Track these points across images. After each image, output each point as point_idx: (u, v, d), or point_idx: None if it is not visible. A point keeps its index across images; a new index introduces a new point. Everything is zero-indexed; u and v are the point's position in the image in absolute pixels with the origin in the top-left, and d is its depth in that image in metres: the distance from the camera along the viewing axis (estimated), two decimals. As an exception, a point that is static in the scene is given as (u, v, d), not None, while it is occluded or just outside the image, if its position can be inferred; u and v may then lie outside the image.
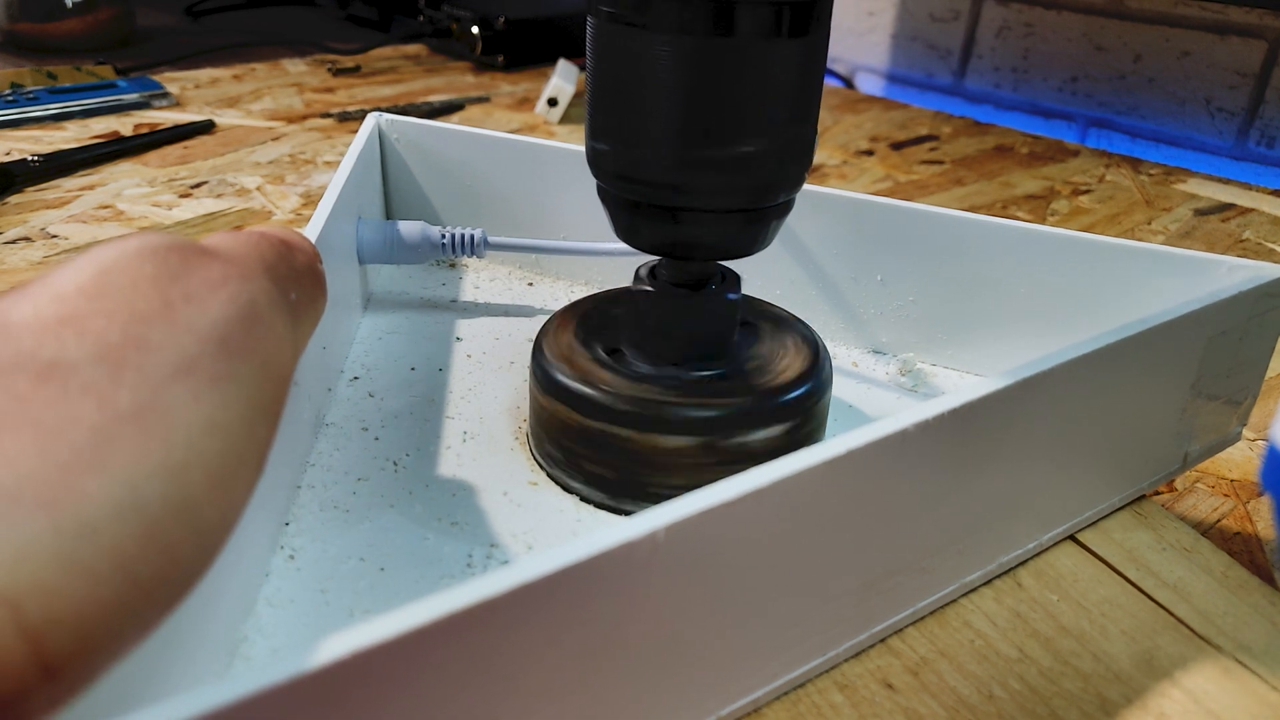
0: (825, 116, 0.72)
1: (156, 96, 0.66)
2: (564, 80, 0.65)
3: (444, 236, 0.37)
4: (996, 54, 0.78)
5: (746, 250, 0.26)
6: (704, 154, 0.23)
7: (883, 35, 0.86)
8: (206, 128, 0.61)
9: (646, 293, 0.27)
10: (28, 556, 0.11)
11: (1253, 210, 0.55)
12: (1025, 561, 0.26)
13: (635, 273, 0.28)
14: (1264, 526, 0.28)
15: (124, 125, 0.61)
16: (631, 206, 0.25)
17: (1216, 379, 0.27)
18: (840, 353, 0.36)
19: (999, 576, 0.25)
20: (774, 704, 0.21)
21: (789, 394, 0.26)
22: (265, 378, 0.15)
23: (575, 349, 0.28)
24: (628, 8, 0.22)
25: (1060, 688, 0.22)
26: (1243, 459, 0.31)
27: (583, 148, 0.27)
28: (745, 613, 0.19)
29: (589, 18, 0.24)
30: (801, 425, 0.27)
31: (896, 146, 0.65)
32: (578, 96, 0.66)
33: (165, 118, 0.63)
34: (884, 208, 0.34)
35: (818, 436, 0.28)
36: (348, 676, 0.13)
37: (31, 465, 0.12)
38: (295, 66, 0.79)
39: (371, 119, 0.40)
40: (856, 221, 0.34)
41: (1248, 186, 0.59)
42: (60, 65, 0.70)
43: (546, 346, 0.28)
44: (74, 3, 0.78)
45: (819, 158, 0.62)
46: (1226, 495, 0.29)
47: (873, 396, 0.33)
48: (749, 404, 0.26)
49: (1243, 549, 0.27)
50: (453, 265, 0.43)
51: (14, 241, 0.43)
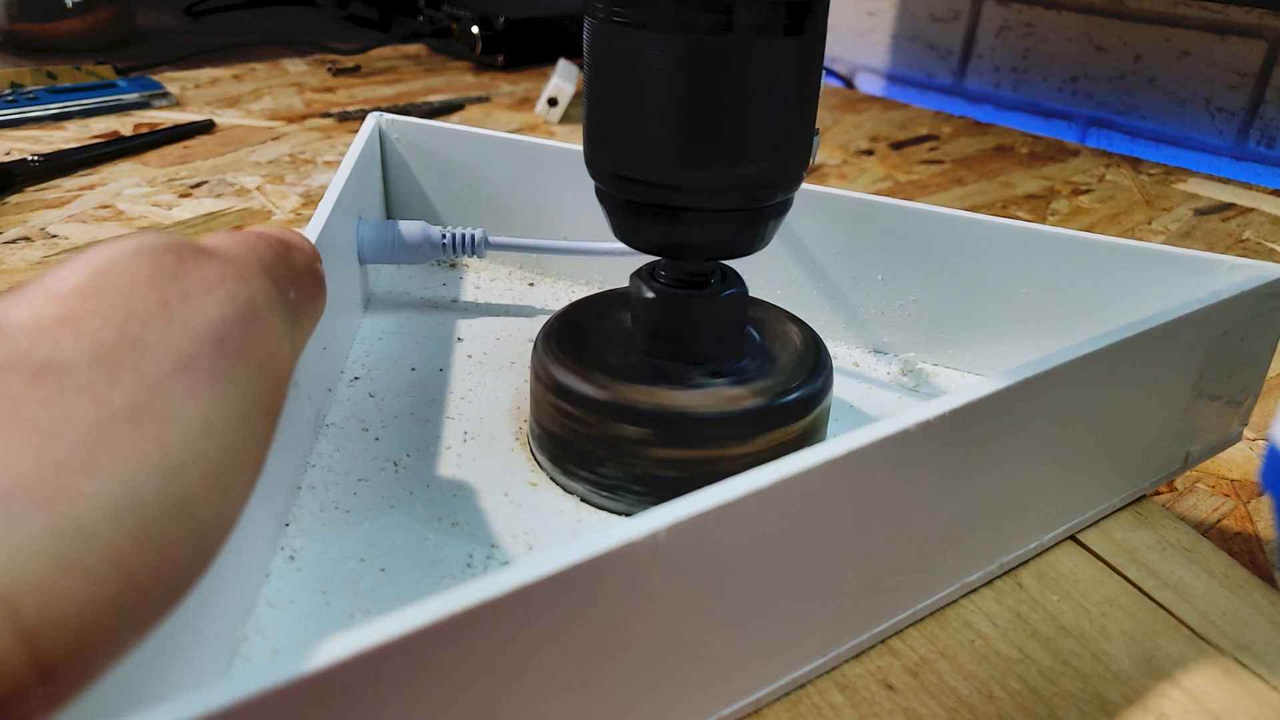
0: (825, 116, 0.72)
1: (156, 96, 0.66)
2: (564, 80, 0.65)
3: (444, 236, 0.37)
4: (996, 54, 0.78)
5: (745, 249, 0.26)
6: (702, 153, 0.23)
7: (883, 35, 0.86)
8: (206, 128, 0.61)
9: (646, 293, 0.27)
10: (24, 557, 0.11)
11: (1253, 210, 0.55)
12: (1026, 562, 0.26)
13: (635, 272, 0.28)
14: (1264, 526, 0.28)
15: (124, 125, 0.61)
16: (630, 207, 0.25)
17: (1217, 379, 0.27)
18: (841, 352, 0.36)
19: (999, 577, 0.25)
20: (774, 704, 0.21)
21: (790, 394, 0.26)
22: (263, 377, 0.15)
23: (576, 349, 0.28)
24: (625, 7, 0.22)
25: (1060, 688, 0.22)
26: (1243, 459, 0.31)
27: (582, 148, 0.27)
28: (746, 613, 0.19)
29: (586, 18, 0.24)
30: (803, 425, 0.27)
31: (896, 146, 0.65)
32: (578, 96, 0.66)
33: (165, 118, 0.63)
34: (884, 207, 0.34)
35: (819, 436, 0.28)
36: (348, 677, 0.13)
37: (28, 466, 0.12)
38: (295, 66, 0.79)
39: (372, 119, 0.40)
40: (857, 221, 0.34)
41: (1248, 186, 0.59)
42: (60, 65, 0.70)
43: (547, 347, 0.28)
44: (74, 3, 0.78)
45: (819, 157, 0.62)
46: (1227, 495, 0.29)
47: (874, 396, 0.33)
48: (750, 404, 0.26)
49: (1243, 549, 0.27)
50: (453, 265, 0.43)
51: (14, 241, 0.43)
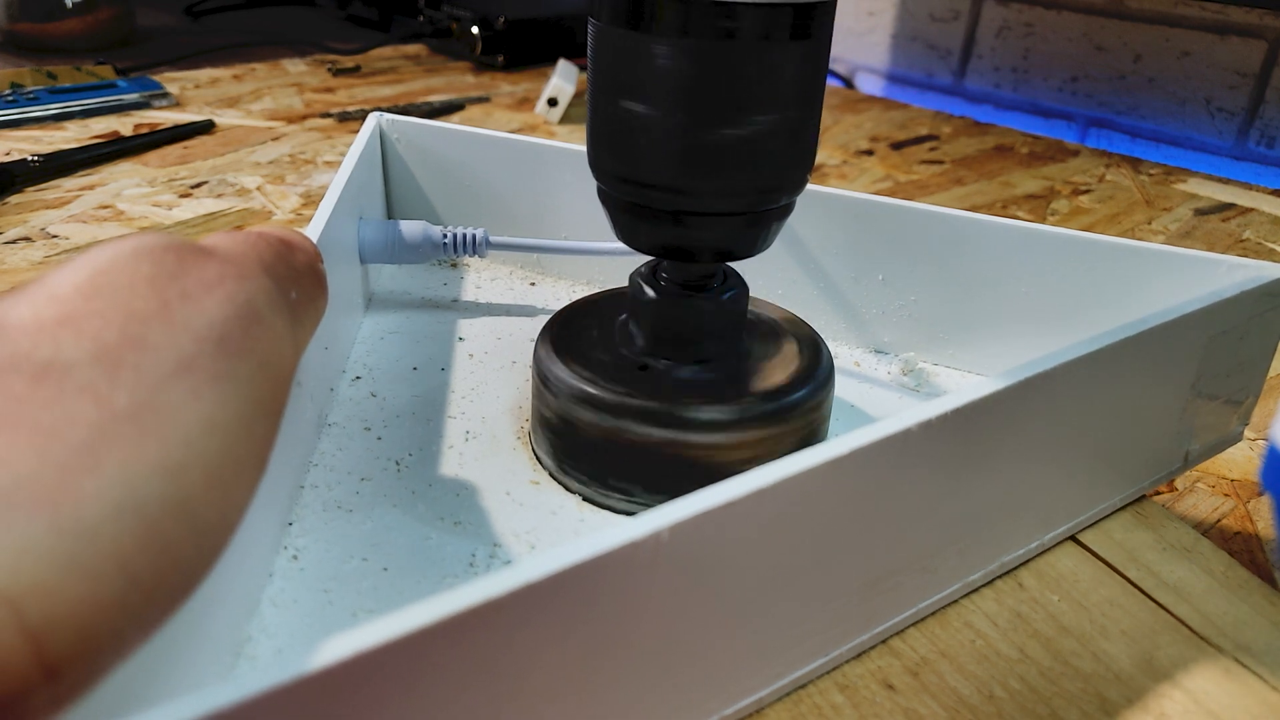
0: (825, 116, 0.72)
1: (156, 96, 0.66)
2: (564, 80, 0.65)
3: (445, 236, 0.37)
4: (996, 54, 0.78)
5: (747, 252, 0.26)
6: (706, 158, 0.23)
7: (883, 35, 0.86)
8: (206, 128, 0.61)
9: (648, 293, 0.27)
10: (28, 557, 0.11)
11: (1253, 210, 0.55)
12: (1026, 562, 0.26)
13: (636, 272, 0.28)
14: (1264, 526, 0.28)
15: (124, 125, 0.61)
16: (633, 209, 0.25)
17: (1217, 379, 0.27)
18: (842, 352, 0.36)
19: (1000, 577, 0.25)
20: (775, 704, 0.21)
21: (791, 394, 0.26)
22: (265, 377, 0.15)
23: (577, 349, 0.28)
24: (630, 11, 0.22)
25: (1060, 688, 0.22)
26: (1243, 459, 0.31)
27: (583, 148, 0.27)
28: (747, 613, 0.19)
29: (590, 21, 0.24)
30: (804, 425, 0.27)
31: (896, 146, 0.65)
32: (578, 96, 0.66)
33: (165, 118, 0.63)
34: (885, 207, 0.34)
35: (820, 436, 0.28)
36: (352, 677, 0.13)
37: (30, 466, 0.12)
38: (295, 66, 0.79)
39: (373, 119, 0.40)
40: (857, 221, 0.34)
41: (1248, 186, 0.59)
42: (60, 65, 0.70)
43: (548, 346, 0.28)
44: (74, 3, 0.78)
45: (819, 157, 0.62)
46: (1227, 495, 0.29)
47: (875, 396, 0.33)
48: (752, 405, 0.26)
49: (1243, 549, 0.27)
50: (454, 265, 0.43)
51: (14, 241, 0.43)
